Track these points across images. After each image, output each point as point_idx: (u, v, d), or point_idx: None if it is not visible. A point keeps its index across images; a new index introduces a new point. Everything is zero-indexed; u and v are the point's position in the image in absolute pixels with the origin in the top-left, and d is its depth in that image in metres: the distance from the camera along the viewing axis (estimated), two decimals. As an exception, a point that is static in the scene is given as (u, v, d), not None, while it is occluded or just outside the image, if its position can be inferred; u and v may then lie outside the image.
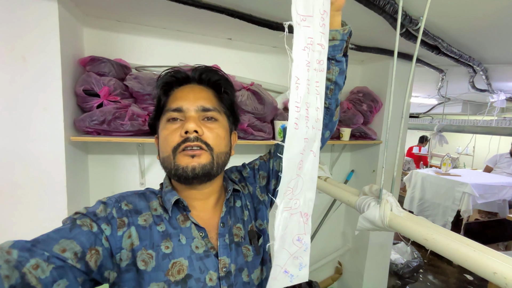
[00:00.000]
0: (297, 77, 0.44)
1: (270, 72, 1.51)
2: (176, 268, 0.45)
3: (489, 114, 3.00)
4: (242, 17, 1.01)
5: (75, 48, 1.05)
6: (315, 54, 0.46)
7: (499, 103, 2.67)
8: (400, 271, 2.36)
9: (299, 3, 0.44)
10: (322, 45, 0.46)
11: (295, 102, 0.44)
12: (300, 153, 0.47)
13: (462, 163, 5.25)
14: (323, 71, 0.47)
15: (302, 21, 0.44)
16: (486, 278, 0.48)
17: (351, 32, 0.56)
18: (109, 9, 1.08)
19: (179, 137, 0.48)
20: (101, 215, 0.44)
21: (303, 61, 0.44)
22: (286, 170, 0.46)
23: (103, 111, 1.01)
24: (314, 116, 0.47)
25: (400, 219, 0.68)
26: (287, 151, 0.45)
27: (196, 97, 0.51)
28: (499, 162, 3.56)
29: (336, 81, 0.57)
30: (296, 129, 0.45)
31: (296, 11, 0.44)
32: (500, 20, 1.00)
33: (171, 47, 1.30)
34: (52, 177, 0.94)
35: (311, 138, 0.48)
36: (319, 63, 0.47)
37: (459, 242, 0.55)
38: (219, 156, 0.51)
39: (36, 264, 0.34)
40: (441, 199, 2.83)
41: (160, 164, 0.52)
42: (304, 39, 0.44)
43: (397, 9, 0.87)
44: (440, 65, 1.73)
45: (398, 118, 1.53)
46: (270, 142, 1.29)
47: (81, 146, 1.13)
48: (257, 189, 0.62)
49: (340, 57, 0.56)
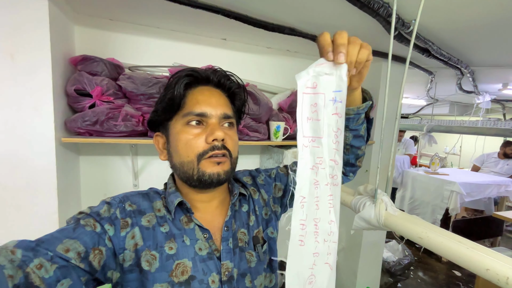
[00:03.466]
0: (303, 196, 0.42)
1: (265, 73, 1.51)
2: (180, 269, 0.45)
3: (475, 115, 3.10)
4: (238, 18, 1.01)
5: (66, 46, 1.02)
6: (327, 170, 0.43)
7: (484, 104, 2.77)
8: (392, 268, 2.41)
9: (305, 127, 0.41)
10: (336, 161, 0.43)
11: (299, 220, 0.42)
12: (309, 268, 0.44)
13: (449, 162, 5.41)
14: (337, 185, 0.44)
15: (310, 142, 0.42)
16: (479, 275, 0.50)
17: (371, 105, 0.54)
18: (101, 7, 1.05)
19: (204, 144, 0.47)
20: (104, 215, 0.44)
21: (309, 180, 0.42)
22: (291, 286, 0.43)
23: (95, 111, 0.98)
24: (327, 230, 0.44)
25: (395, 218, 0.69)
26: (290, 267, 0.42)
27: (219, 103, 0.51)
28: (486, 162, 3.69)
29: (351, 144, 0.57)
30: (302, 246, 0.43)
31: (303, 134, 0.41)
32: (486, 25, 1.03)
33: (165, 46, 1.28)
34: (42, 179, 0.91)
35: (324, 251, 0.44)
36: (333, 178, 0.43)
37: (452, 240, 0.56)
38: (234, 162, 0.52)
39: (40, 263, 0.34)
40: (430, 197, 2.90)
41: (154, 165, 0.51)
42: (311, 159, 0.42)
43: (390, 12, 0.89)
44: (429, 67, 1.78)
45: (390, 119, 1.56)
46: (265, 143, 1.30)
47: (72, 147, 1.11)
48: (271, 198, 0.62)
49: (356, 126, 0.54)
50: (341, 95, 0.41)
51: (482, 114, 3.05)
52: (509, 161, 3.48)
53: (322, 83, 0.40)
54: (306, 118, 0.41)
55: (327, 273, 0.45)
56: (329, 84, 0.40)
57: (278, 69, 1.54)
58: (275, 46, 1.48)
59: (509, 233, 3.58)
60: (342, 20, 1.07)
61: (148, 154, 1.31)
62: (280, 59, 1.53)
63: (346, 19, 1.05)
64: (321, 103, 0.41)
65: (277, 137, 1.30)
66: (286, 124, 1.33)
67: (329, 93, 0.40)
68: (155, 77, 1.09)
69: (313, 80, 0.40)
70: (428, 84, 2.21)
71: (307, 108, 0.41)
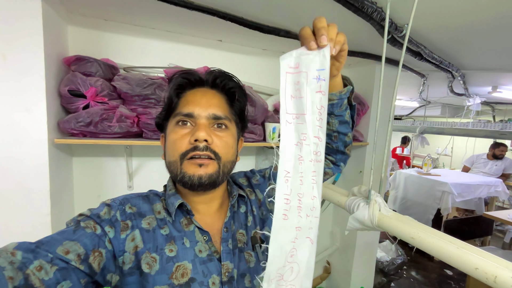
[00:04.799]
0: (287, 171, 0.42)
1: (260, 75, 1.52)
2: (180, 271, 0.45)
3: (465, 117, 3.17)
4: (234, 20, 1.01)
5: (59, 46, 1.01)
6: (311, 147, 0.43)
7: (474, 107, 2.83)
8: (386, 268, 2.43)
9: (288, 104, 0.42)
10: (319, 138, 0.43)
11: (284, 194, 0.43)
12: (291, 241, 0.45)
13: (441, 163, 5.51)
14: (320, 162, 0.44)
15: (294, 119, 0.42)
16: (469, 274, 0.51)
17: (352, 90, 0.54)
18: (96, 7, 1.04)
19: (188, 144, 0.47)
20: (105, 217, 0.44)
21: (293, 155, 0.43)
22: (273, 258, 0.44)
23: (89, 112, 0.97)
24: (309, 205, 0.45)
25: (388, 219, 0.70)
26: (273, 240, 0.43)
27: (209, 103, 0.50)
28: (476, 162, 3.77)
29: (338, 130, 0.58)
30: (285, 219, 0.43)
31: (286, 111, 0.42)
32: (476, 30, 1.06)
33: (160, 47, 1.27)
34: (34, 181, 0.90)
35: (306, 226, 0.45)
36: (316, 154, 0.44)
37: (443, 240, 0.58)
38: (225, 165, 0.50)
39: (40, 265, 0.34)
40: (423, 198, 2.95)
41: (149, 166, 0.52)
42: (296, 135, 0.42)
43: (384, 16, 0.90)
44: (422, 70, 1.81)
45: (384, 120, 1.59)
46: (261, 144, 1.30)
47: (66, 149, 1.09)
48: (266, 197, 0.62)
49: (340, 112, 0.55)
50: (324, 73, 0.41)
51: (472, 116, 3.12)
52: (497, 162, 3.57)
53: (305, 62, 0.41)
54: (290, 96, 0.42)
55: (308, 247, 0.46)
56: (312, 63, 0.41)
57: (273, 71, 1.55)
58: (271, 48, 1.49)
59: (499, 232, 3.66)
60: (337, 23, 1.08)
61: (143, 155, 1.31)
62: (275, 61, 1.54)
63: (341, 22, 1.06)
64: (303, 81, 0.41)
65: (273, 139, 1.31)
66: (282, 126, 1.34)
67: (312, 72, 0.41)
68: (150, 78, 1.09)
69: (296, 61, 0.41)
70: (420, 87, 2.25)
71: (290, 86, 0.42)
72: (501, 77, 1.99)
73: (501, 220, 2.26)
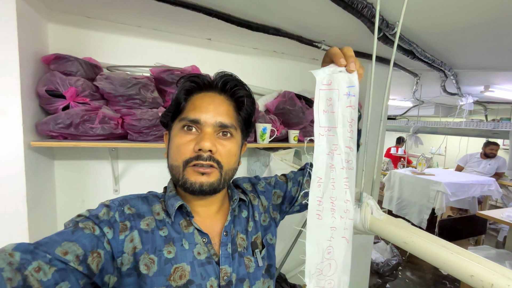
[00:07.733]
0: (319, 177, 0.47)
1: (251, 74, 1.49)
2: (178, 273, 0.45)
3: (458, 116, 3.19)
4: (220, 17, 0.98)
5: (37, 44, 0.96)
6: (342, 156, 0.48)
7: (467, 106, 2.85)
8: (381, 269, 2.42)
9: (321, 118, 0.47)
10: (350, 148, 0.48)
11: (316, 197, 0.47)
12: (327, 239, 0.49)
13: (435, 162, 5.54)
14: (353, 169, 0.49)
15: (326, 131, 0.47)
16: (464, 281, 0.48)
17: (360, 116, 0.54)
18: (77, 4, 1.00)
19: (192, 152, 0.47)
20: (103, 218, 0.44)
21: (325, 164, 0.47)
22: (311, 254, 0.48)
23: (69, 113, 0.93)
24: (343, 208, 0.49)
25: (380, 222, 0.67)
26: (309, 237, 0.47)
27: (216, 111, 0.49)
28: (469, 162, 3.80)
29: None
30: (319, 219, 0.48)
31: (319, 124, 0.47)
32: (468, 29, 1.05)
33: (146, 46, 1.23)
34: (9, 187, 0.85)
35: (340, 226, 0.49)
36: (348, 162, 0.48)
37: (437, 244, 0.55)
38: (227, 173, 0.51)
39: (38, 266, 0.34)
40: (417, 197, 2.95)
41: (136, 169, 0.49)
42: (327, 146, 0.47)
43: (374, 13, 0.88)
44: (415, 69, 1.80)
45: (376, 120, 1.57)
46: (251, 145, 1.27)
47: (46, 152, 1.04)
48: (270, 205, 0.63)
49: None
50: (354, 90, 0.46)
51: (465, 116, 3.14)
52: (491, 161, 3.59)
53: (337, 80, 0.46)
54: (322, 110, 0.47)
55: (344, 245, 0.50)
56: (343, 81, 0.46)
57: (265, 70, 1.52)
58: (262, 47, 1.46)
59: (492, 231, 3.69)
60: (326, 20, 1.06)
61: (130, 158, 1.26)
62: (266, 60, 1.51)
63: (330, 19, 1.04)
64: (335, 98, 0.46)
65: (264, 139, 1.28)
66: (273, 126, 1.31)
67: (343, 89, 0.46)
68: (134, 77, 1.04)
69: (328, 78, 0.46)
70: (414, 86, 2.24)
71: (323, 102, 0.47)
72: (493, 76, 1.99)
73: (495, 219, 2.26)
